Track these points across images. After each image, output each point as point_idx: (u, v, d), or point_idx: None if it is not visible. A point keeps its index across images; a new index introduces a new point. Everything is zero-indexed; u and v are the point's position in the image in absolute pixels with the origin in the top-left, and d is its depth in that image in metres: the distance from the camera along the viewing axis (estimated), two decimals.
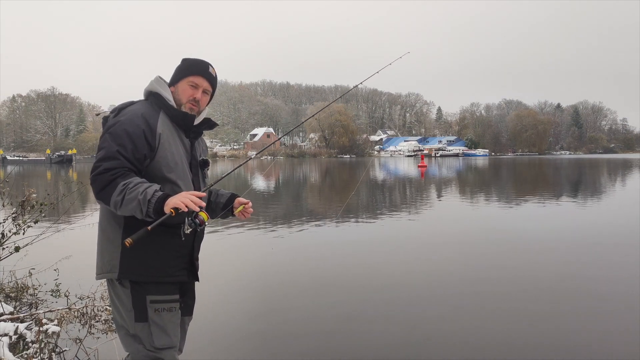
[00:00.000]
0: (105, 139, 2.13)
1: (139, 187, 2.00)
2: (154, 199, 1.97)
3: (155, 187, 2.03)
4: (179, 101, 2.32)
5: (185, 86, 2.33)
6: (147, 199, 1.97)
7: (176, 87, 2.34)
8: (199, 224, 2.09)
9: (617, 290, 5.61)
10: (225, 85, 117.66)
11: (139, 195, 1.97)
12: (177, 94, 2.33)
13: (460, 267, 6.77)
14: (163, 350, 2.17)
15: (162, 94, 2.29)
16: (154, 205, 1.97)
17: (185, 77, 2.33)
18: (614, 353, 3.94)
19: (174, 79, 2.36)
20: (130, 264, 2.15)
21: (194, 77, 2.33)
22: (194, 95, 2.33)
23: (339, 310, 4.99)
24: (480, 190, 20.55)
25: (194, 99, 2.33)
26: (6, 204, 4.49)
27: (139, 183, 2.02)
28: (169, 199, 1.98)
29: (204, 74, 2.35)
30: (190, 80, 2.33)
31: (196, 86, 2.34)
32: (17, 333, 3.22)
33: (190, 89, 2.33)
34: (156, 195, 1.98)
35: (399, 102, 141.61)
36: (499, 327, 4.52)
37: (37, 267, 4.51)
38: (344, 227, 10.34)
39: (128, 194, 1.98)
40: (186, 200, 1.98)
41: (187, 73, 2.34)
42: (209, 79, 2.38)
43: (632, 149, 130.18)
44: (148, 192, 1.98)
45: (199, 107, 2.36)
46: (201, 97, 2.35)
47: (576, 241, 8.69)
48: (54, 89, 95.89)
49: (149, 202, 1.97)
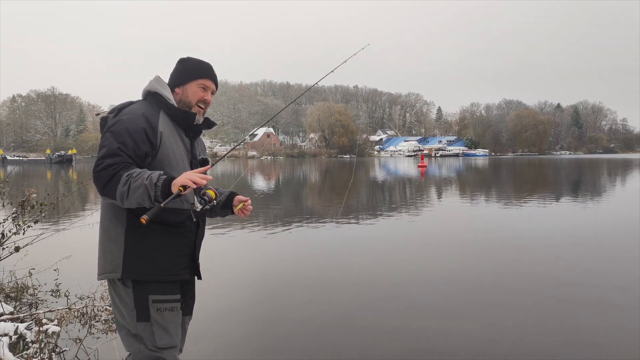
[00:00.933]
0: (107, 138, 2.14)
1: (143, 174, 2.02)
2: (159, 181, 2.00)
3: (159, 172, 2.06)
4: (188, 103, 2.34)
5: (196, 88, 2.35)
6: (154, 182, 1.99)
7: (184, 88, 2.35)
8: (208, 201, 2.14)
9: (617, 290, 5.61)
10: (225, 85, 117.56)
11: (144, 181, 1.99)
12: (186, 96, 2.34)
13: (460, 266, 6.77)
14: (165, 350, 2.17)
15: (163, 93, 2.29)
16: (162, 188, 1.99)
17: (196, 79, 2.36)
18: (614, 353, 3.94)
19: (181, 80, 2.36)
20: (133, 264, 2.16)
21: (204, 80, 2.37)
22: (204, 97, 2.37)
23: (339, 309, 4.99)
24: (480, 190, 20.55)
25: (205, 101, 2.37)
26: (6, 204, 4.49)
27: (142, 171, 2.05)
28: (174, 180, 2.02)
29: (212, 76, 2.40)
30: (201, 83, 2.36)
31: (206, 89, 2.38)
32: (17, 333, 3.22)
33: (202, 92, 2.36)
34: (161, 178, 2.01)
35: (399, 102, 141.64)
36: (500, 326, 4.52)
37: (37, 267, 4.51)
38: (344, 227, 10.34)
39: (133, 183, 2.00)
40: (193, 177, 2.02)
41: (198, 75, 2.36)
42: (215, 81, 2.43)
43: (632, 149, 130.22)
44: (153, 177, 2.01)
45: (206, 108, 2.40)
46: (209, 98, 2.40)
47: (576, 241, 8.68)
48: (54, 89, 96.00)
49: (155, 185, 1.99)
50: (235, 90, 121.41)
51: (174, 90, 2.35)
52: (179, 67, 2.39)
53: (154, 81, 2.33)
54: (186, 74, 2.37)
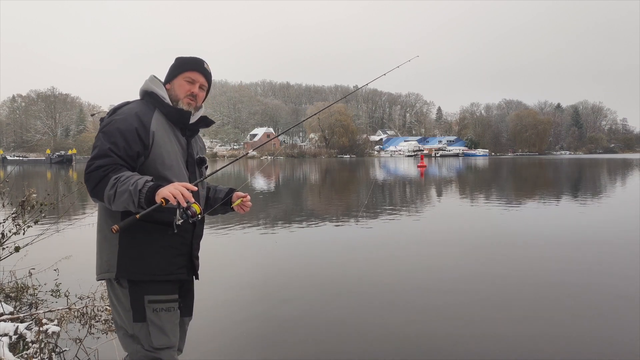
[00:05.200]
0: (99, 138, 2.15)
1: (130, 179, 2.00)
2: (145, 189, 1.97)
3: (147, 178, 2.03)
4: (176, 97, 2.33)
5: (182, 82, 2.34)
6: (138, 189, 1.97)
7: (172, 84, 2.35)
8: (191, 215, 2.08)
9: (618, 290, 5.61)
10: (225, 85, 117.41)
11: (130, 186, 1.97)
12: (174, 91, 2.34)
13: (461, 267, 6.76)
14: (162, 350, 2.16)
15: (157, 92, 2.29)
16: (145, 195, 1.96)
17: (181, 73, 2.35)
18: (614, 353, 3.94)
19: (170, 77, 2.38)
20: (128, 263, 2.15)
21: (190, 72, 2.35)
22: (191, 90, 2.35)
23: (339, 309, 4.99)
24: (480, 190, 20.53)
25: (192, 94, 2.35)
26: (6, 204, 4.49)
27: (131, 176, 2.02)
28: (160, 189, 1.98)
29: (199, 69, 2.38)
30: (187, 76, 2.35)
31: (193, 81, 2.36)
32: (17, 333, 3.22)
33: (187, 84, 2.35)
34: (147, 185, 1.98)
35: (399, 102, 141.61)
36: (500, 327, 4.51)
37: (37, 267, 4.50)
38: (344, 227, 10.34)
39: (120, 187, 1.98)
40: (176, 192, 1.97)
41: (183, 69, 2.36)
42: (205, 75, 2.40)
43: (632, 149, 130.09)
44: (139, 183, 1.98)
45: (197, 102, 2.37)
46: (198, 92, 2.37)
47: (577, 241, 8.68)
48: (54, 89, 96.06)
49: (140, 192, 1.96)
50: (235, 90, 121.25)
51: (166, 87, 2.36)
52: (171, 65, 2.41)
53: (149, 80, 2.34)
54: (174, 69, 2.38)
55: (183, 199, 1.97)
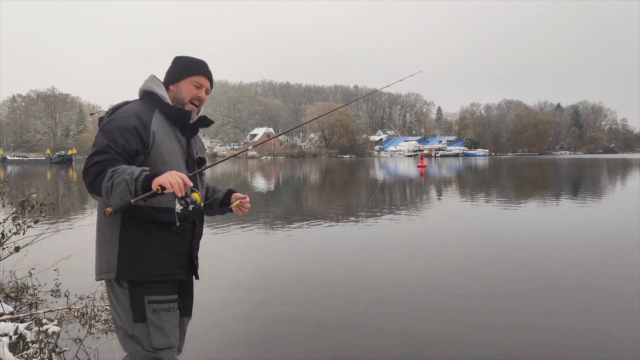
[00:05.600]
0: (98, 136, 2.15)
1: (126, 169, 1.99)
2: (141, 177, 1.95)
3: (144, 167, 2.02)
4: (182, 100, 2.32)
5: (189, 86, 2.34)
6: (135, 177, 1.94)
7: (177, 85, 2.34)
8: (190, 202, 2.04)
9: (618, 290, 5.61)
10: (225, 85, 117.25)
11: (126, 176, 1.95)
12: (180, 93, 2.33)
13: (462, 267, 6.76)
14: (161, 350, 2.16)
15: (157, 92, 2.29)
16: (142, 183, 1.94)
17: (189, 76, 2.34)
18: (614, 353, 3.94)
19: (175, 78, 2.36)
20: (127, 264, 2.15)
21: (198, 77, 2.35)
22: (198, 95, 2.35)
23: (339, 309, 4.99)
24: (480, 190, 20.53)
25: (198, 98, 2.35)
26: (6, 204, 4.49)
27: (127, 167, 2.01)
28: (156, 177, 1.96)
29: (207, 74, 2.38)
30: (195, 80, 2.34)
31: (200, 86, 2.36)
32: (17, 333, 3.22)
33: (195, 89, 2.34)
34: (143, 174, 1.96)
35: (399, 102, 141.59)
36: (500, 327, 4.52)
37: (37, 267, 4.50)
38: (344, 227, 10.34)
39: (117, 178, 1.97)
40: (173, 180, 1.94)
41: (191, 73, 2.34)
42: (210, 79, 2.41)
43: (632, 149, 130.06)
44: (135, 172, 1.96)
45: (200, 107, 2.38)
46: (204, 97, 2.38)
47: (577, 241, 8.68)
48: (54, 89, 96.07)
49: (136, 180, 1.94)
50: (235, 90, 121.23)
51: (169, 88, 2.34)
52: (173, 65, 2.39)
53: (148, 80, 2.33)
54: (180, 71, 2.35)
55: (178, 187, 1.95)
